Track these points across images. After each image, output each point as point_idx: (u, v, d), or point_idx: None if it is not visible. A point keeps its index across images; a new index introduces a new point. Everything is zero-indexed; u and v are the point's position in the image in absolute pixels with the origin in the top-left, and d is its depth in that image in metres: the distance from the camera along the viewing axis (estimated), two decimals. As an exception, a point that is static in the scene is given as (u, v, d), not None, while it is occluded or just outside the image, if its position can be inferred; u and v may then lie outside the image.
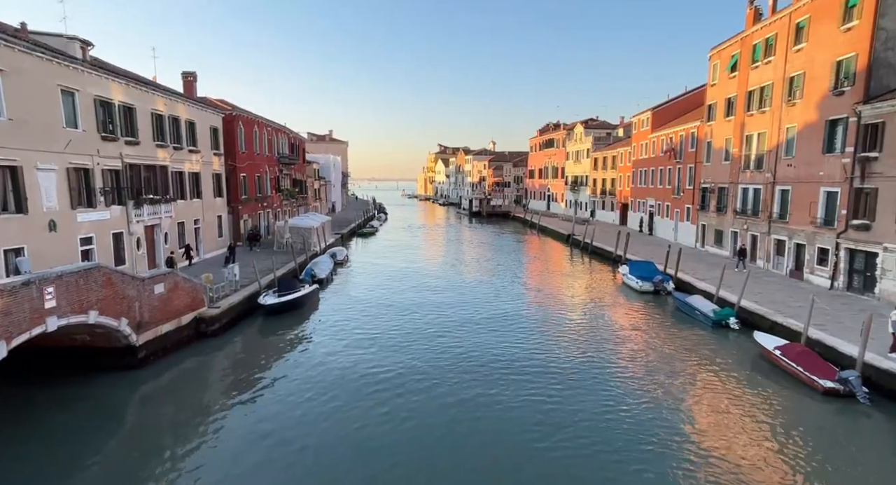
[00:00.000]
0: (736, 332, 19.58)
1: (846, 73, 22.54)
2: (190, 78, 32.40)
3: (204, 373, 16.19)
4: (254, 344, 19.21)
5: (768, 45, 28.56)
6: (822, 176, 23.78)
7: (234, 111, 35.64)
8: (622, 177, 53.15)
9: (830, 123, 23.39)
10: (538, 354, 17.54)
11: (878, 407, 12.93)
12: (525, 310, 23.77)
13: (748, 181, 30.12)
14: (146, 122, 24.84)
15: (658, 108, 46.11)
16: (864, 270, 21.51)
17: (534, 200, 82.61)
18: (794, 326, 17.51)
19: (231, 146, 35.14)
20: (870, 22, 21.16)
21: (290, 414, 12.91)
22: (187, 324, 18.38)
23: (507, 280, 30.73)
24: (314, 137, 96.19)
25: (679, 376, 15.57)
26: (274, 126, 44.23)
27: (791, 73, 26.35)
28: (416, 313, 22.74)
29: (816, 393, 13.85)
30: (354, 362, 16.55)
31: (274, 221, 41.82)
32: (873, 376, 13.79)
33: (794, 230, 25.79)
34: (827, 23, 23.67)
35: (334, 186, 75.54)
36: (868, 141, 21.12)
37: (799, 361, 14.95)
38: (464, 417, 12.84)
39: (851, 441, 11.82)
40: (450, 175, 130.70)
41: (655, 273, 27.16)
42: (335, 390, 14.35)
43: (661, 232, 43.32)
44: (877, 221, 20.58)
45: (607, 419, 12.70)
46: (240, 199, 36.06)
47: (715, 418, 12.84)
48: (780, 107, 27.24)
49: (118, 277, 15.25)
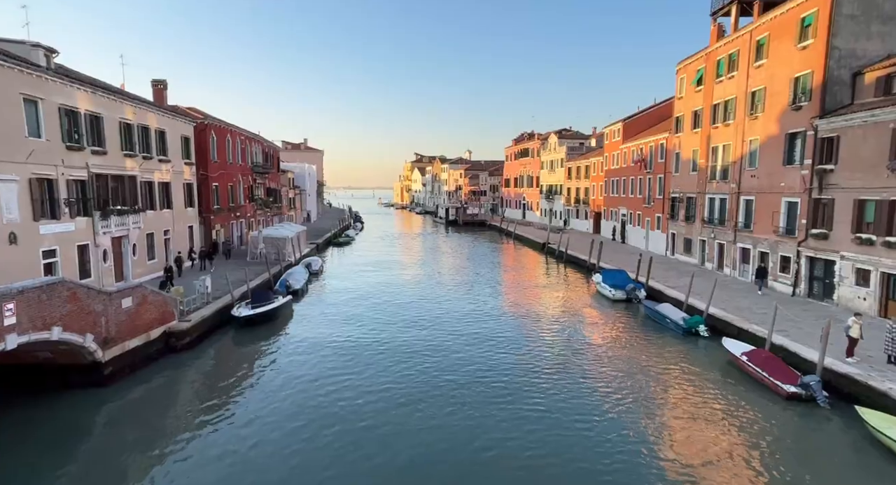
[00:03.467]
0: (706, 339, 20.11)
1: (803, 89, 23.62)
2: (160, 86, 31.80)
3: (173, 389, 15.77)
4: (226, 358, 18.83)
5: (731, 61, 29.72)
6: (783, 187, 24.78)
7: (206, 120, 35.09)
8: (595, 186, 54.21)
9: (790, 137, 24.42)
10: (514, 363, 17.67)
11: (836, 410, 13.46)
12: (501, 320, 23.93)
13: (715, 191, 31.12)
14: (114, 131, 24.26)
15: (629, 119, 47.31)
16: (823, 278, 22.43)
17: (509, 208, 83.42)
18: (758, 332, 18.11)
19: (203, 155, 34.54)
20: (823, 41, 22.27)
21: (262, 431, 12.68)
22: (157, 338, 17.91)
23: (483, 290, 30.90)
24: (289, 146, 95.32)
25: (651, 384, 15.91)
26: (247, 135, 43.68)
27: (753, 88, 27.45)
28: (392, 324, 22.66)
29: (780, 398, 14.34)
30: (330, 375, 16.38)
31: (248, 232, 41.16)
32: (832, 379, 14.36)
33: (758, 239, 26.73)
34: (785, 41, 24.80)
35: (309, 195, 74.82)
36: (824, 154, 22.13)
37: (764, 366, 15.47)
38: (440, 425, 12.85)
39: (811, 444, 12.28)
40: (426, 184, 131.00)
41: (628, 281, 27.72)
42: (309, 405, 14.17)
43: (633, 240, 44.28)
44: (834, 230, 21.52)
45: (580, 427, 12.88)
46: (212, 209, 35.41)
47: (684, 424, 13.15)
48: (743, 120, 28.32)
49: (83, 291, 14.79)
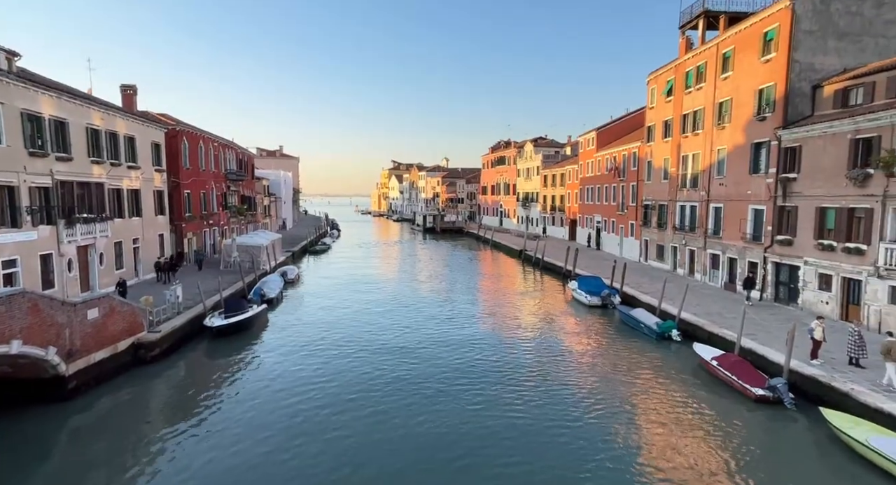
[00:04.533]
0: (678, 343, 20.52)
1: (767, 101, 24.52)
2: (129, 91, 31.09)
3: (141, 403, 15.28)
4: (198, 369, 18.35)
5: (699, 73, 30.68)
6: (750, 195, 25.59)
7: (177, 126, 34.41)
8: (571, 194, 55.03)
9: (755, 146, 25.29)
10: (490, 370, 17.70)
11: (802, 411, 13.88)
12: (478, 327, 23.98)
13: (685, 199, 31.94)
14: (80, 137, 23.57)
15: (602, 128, 48.28)
16: (788, 283, 23.18)
17: (487, 215, 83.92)
18: (728, 336, 18.59)
19: (174, 162, 33.83)
20: (785, 54, 23.20)
21: (235, 443, 12.37)
22: (125, 350, 17.35)
23: (461, 297, 30.93)
24: (264, 153, 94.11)
25: (625, 389, 16.14)
26: (221, 141, 42.98)
27: (720, 99, 28.37)
28: (369, 332, 22.47)
29: (749, 401, 14.71)
30: (305, 384, 16.12)
31: (221, 240, 40.37)
32: (798, 381, 14.82)
33: (727, 245, 27.50)
34: (749, 54, 25.74)
35: (285, 203, 73.92)
36: (788, 163, 22.98)
37: (733, 370, 15.87)
38: (415, 433, 12.76)
39: (778, 445, 12.62)
40: (404, 191, 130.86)
41: (603, 287, 28.14)
42: (283, 415, 13.91)
43: (607, 247, 45.02)
44: (798, 236, 22.31)
45: (555, 434, 12.95)
46: (183, 216, 34.65)
47: (657, 428, 13.36)
48: (711, 130, 29.21)
49: (46, 302, 14.26)
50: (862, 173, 19.05)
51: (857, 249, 19.24)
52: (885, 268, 18.06)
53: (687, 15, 32.32)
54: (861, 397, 12.98)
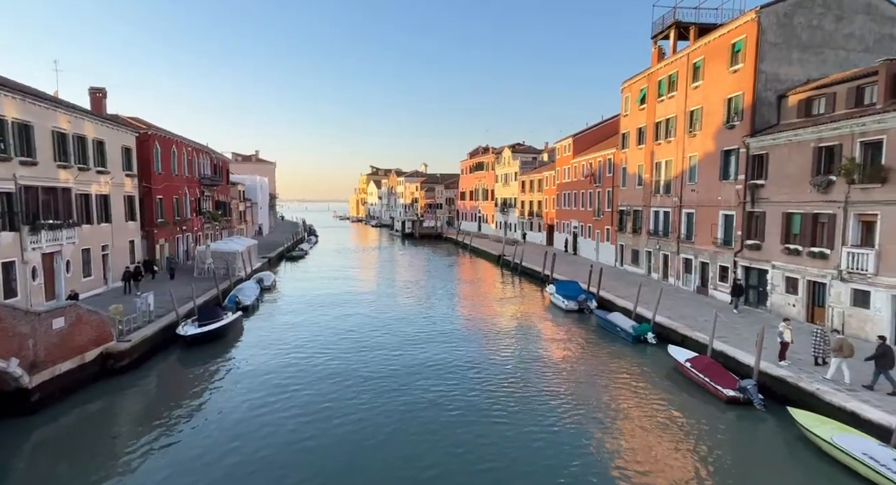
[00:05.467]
0: (653, 346, 20.89)
1: (736, 109, 25.30)
2: (99, 94, 30.29)
3: (109, 415, 14.79)
4: (169, 379, 17.88)
5: (671, 82, 31.48)
6: (720, 201, 26.31)
7: (149, 130, 33.66)
8: (548, 199, 55.65)
9: (725, 153, 26.03)
10: (469, 376, 17.70)
11: (771, 411, 14.25)
12: (457, 332, 23.99)
13: (659, 204, 32.64)
14: (46, 140, 22.84)
15: (578, 135, 49.05)
16: (757, 286, 23.86)
17: (465, 221, 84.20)
18: (701, 339, 19.01)
19: (146, 167, 33.06)
20: (752, 65, 24.00)
21: (207, 455, 12.06)
22: (92, 361, 16.79)
23: (439, 303, 30.91)
24: (239, 158, 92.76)
25: (601, 391, 16.34)
26: (194, 146, 42.19)
27: (691, 108, 29.16)
28: (347, 339, 22.26)
29: (721, 402, 15.05)
30: (280, 394, 15.84)
31: (195, 246, 39.52)
32: (767, 382, 15.24)
33: (699, 250, 28.18)
34: (718, 64, 26.55)
35: (261, 208, 72.88)
36: (756, 170, 23.72)
37: (706, 372, 16.23)
38: (394, 440, 12.67)
39: (748, 445, 12.94)
40: (382, 197, 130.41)
41: (580, 292, 28.49)
42: (257, 426, 13.63)
43: (584, 252, 45.63)
44: (766, 241, 23.01)
45: (533, 437, 13.02)
46: (155, 222, 33.84)
47: (633, 430, 13.56)
48: (683, 137, 29.97)
49: (7, 312, 13.72)
50: (825, 180, 19.78)
51: (822, 253, 19.95)
52: (847, 271, 18.75)
53: (659, 26, 33.16)
54: (826, 396, 13.42)
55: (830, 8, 24.00)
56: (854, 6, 24.11)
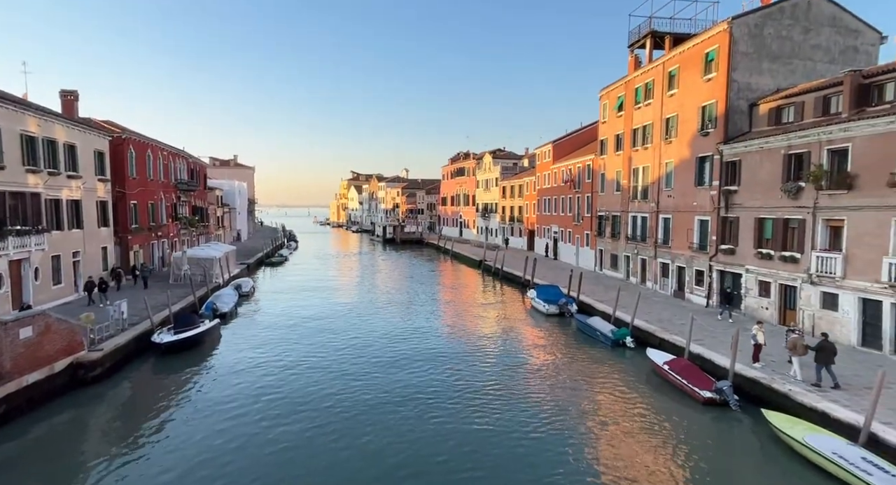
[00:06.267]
0: (632, 350, 21.16)
1: (710, 117, 25.94)
2: (70, 97, 29.52)
3: (79, 427, 14.32)
4: (143, 389, 17.41)
5: (648, 90, 32.14)
6: (696, 206, 26.89)
7: (123, 134, 32.94)
8: (528, 205, 56.10)
9: (700, 160, 26.64)
10: (450, 382, 17.67)
11: (746, 412, 14.56)
12: (438, 338, 23.93)
13: (637, 210, 33.19)
14: (14, 144, 22.17)
15: (558, 141, 49.64)
16: (732, 289, 24.37)
17: (447, 226, 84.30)
18: (678, 342, 19.34)
19: (120, 171, 32.33)
20: (724, 74, 24.67)
21: (180, 467, 11.78)
22: (62, 371, 16.26)
23: (420, 308, 30.83)
24: (217, 162, 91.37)
25: (582, 395, 16.48)
26: (171, 150, 41.42)
27: (667, 115, 29.79)
28: (326, 346, 22.02)
29: (698, 403, 15.32)
30: (258, 403, 15.57)
31: (170, 252, 38.71)
32: (742, 383, 15.57)
33: (675, 254, 28.71)
34: (693, 72, 27.21)
35: (240, 214, 71.84)
36: (729, 176, 24.31)
37: (683, 374, 16.51)
38: (374, 448, 12.54)
39: (724, 446, 13.20)
40: (363, 202, 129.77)
41: (560, 296, 28.74)
42: (235, 438, 13.35)
43: (564, 256, 46.07)
44: (739, 245, 23.57)
45: (514, 443, 13.05)
46: (129, 228, 33.06)
47: (613, 433, 13.69)
48: (659, 144, 30.58)
49: (-28, 322, 13.22)
50: (795, 186, 20.39)
51: (792, 257, 20.52)
52: (817, 275, 19.32)
53: (635, 35, 33.87)
54: (798, 397, 13.77)
55: (799, 20, 24.85)
56: (820, 19, 25.01)
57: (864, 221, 17.72)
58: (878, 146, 17.35)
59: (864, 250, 17.69)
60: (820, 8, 24.94)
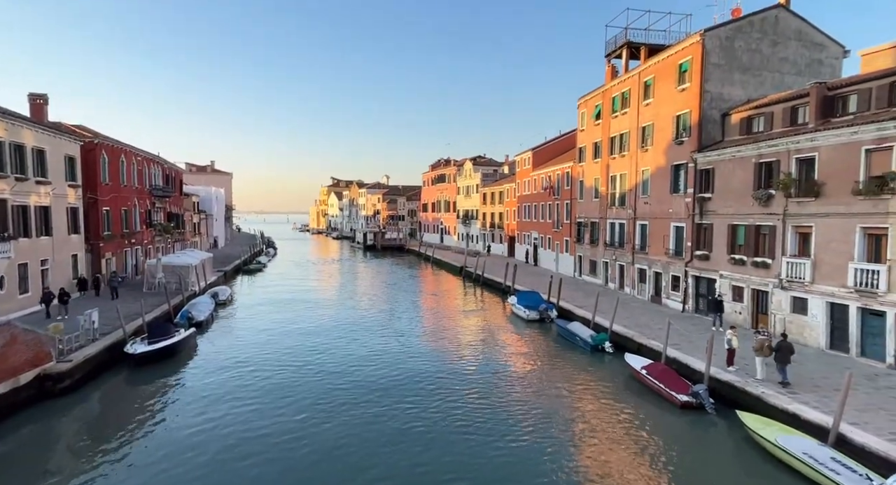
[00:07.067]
0: (611, 355, 21.40)
1: (684, 126, 26.59)
2: (39, 101, 28.74)
3: (44, 443, 13.80)
4: (114, 402, 16.89)
5: (624, 99, 32.78)
6: (671, 213, 27.44)
7: (96, 139, 32.17)
8: (509, 211, 56.50)
9: (675, 168, 27.24)
10: (431, 389, 17.59)
11: (721, 415, 14.84)
12: (419, 346, 23.84)
13: (615, 216, 33.71)
14: (-20, 148, 21.46)
15: (537, 148, 50.22)
16: (707, 295, 24.91)
17: (428, 233, 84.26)
18: (655, 347, 19.63)
19: (92, 177, 31.53)
20: (697, 84, 25.34)
21: (153, 482, 11.46)
22: (28, 383, 15.70)
23: (401, 316, 30.68)
24: (194, 168, 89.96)
25: (562, 401, 16.58)
26: (145, 156, 40.59)
27: (643, 124, 30.42)
28: (306, 355, 21.72)
29: (675, 407, 15.56)
30: (235, 415, 15.25)
31: (144, 259, 37.82)
32: (717, 387, 15.88)
33: (652, 260, 29.22)
34: (668, 83, 27.88)
35: (217, 220, 70.63)
36: (703, 183, 24.91)
37: (661, 378, 16.76)
38: (353, 459, 12.39)
39: (700, 449, 13.41)
40: (343, 208, 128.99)
41: (540, 302, 28.94)
42: (209, 452, 13.04)
43: (544, 263, 46.46)
44: (713, 251, 24.12)
45: (495, 450, 13.04)
46: (101, 235, 32.21)
47: (592, 438, 13.79)
48: (636, 152, 31.18)
49: (-68, 333, 12.69)
50: (765, 194, 20.99)
51: (764, 263, 21.09)
52: (787, 280, 19.89)
53: (612, 45, 34.57)
54: (771, 399, 14.10)
55: (767, 33, 25.71)
56: (787, 32, 25.93)
57: (831, 228, 18.33)
58: (842, 155, 18.01)
59: (832, 256, 18.29)
60: (787, 22, 25.86)
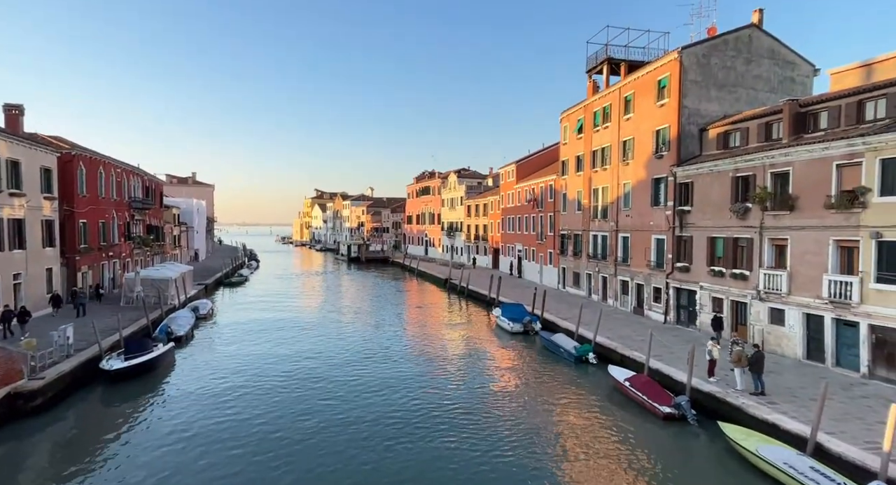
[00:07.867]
0: (594, 366, 21.52)
1: (664, 141, 27.17)
2: (14, 111, 28.19)
3: (15, 463, 13.31)
4: (89, 420, 16.38)
5: (605, 113, 33.42)
6: (652, 225, 27.90)
7: (73, 150, 31.63)
8: (493, 223, 56.80)
9: (655, 181, 27.76)
10: (415, 403, 17.45)
11: (703, 426, 14.99)
12: (403, 359, 23.67)
13: (597, 229, 34.13)
14: (-48, 160, 20.92)
15: (521, 161, 50.74)
16: (688, 306, 25.28)
17: (412, 245, 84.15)
18: (638, 358, 19.80)
19: (69, 189, 30.93)
20: (676, 100, 25.98)
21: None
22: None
23: (385, 329, 30.47)
24: (174, 180, 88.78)
25: (546, 413, 16.57)
26: (124, 167, 39.99)
27: (624, 138, 31.00)
28: (288, 370, 21.40)
29: (658, 419, 15.67)
30: (215, 433, 14.92)
31: (122, 273, 37.03)
32: (699, 398, 16.05)
33: (634, 272, 29.58)
34: (647, 98, 28.53)
35: (198, 233, 69.64)
36: (682, 197, 25.41)
37: (643, 390, 16.88)
38: (337, 474, 12.19)
39: (683, 460, 13.48)
40: (327, 220, 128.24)
41: (524, 314, 29.02)
42: (187, 472, 12.72)
43: (528, 275, 46.69)
44: (693, 263, 24.54)
45: (480, 463, 12.95)
46: (78, 248, 31.50)
47: (576, 451, 13.79)
48: (617, 165, 31.71)
49: None
50: (742, 207, 21.49)
51: (742, 274, 21.51)
52: (765, 291, 20.30)
53: (593, 61, 35.31)
54: (751, 410, 14.30)
55: (741, 51, 26.54)
56: (760, 51, 26.80)
57: (805, 241, 18.82)
58: (815, 170, 18.57)
59: (807, 268, 18.75)
60: (760, 41, 26.75)
